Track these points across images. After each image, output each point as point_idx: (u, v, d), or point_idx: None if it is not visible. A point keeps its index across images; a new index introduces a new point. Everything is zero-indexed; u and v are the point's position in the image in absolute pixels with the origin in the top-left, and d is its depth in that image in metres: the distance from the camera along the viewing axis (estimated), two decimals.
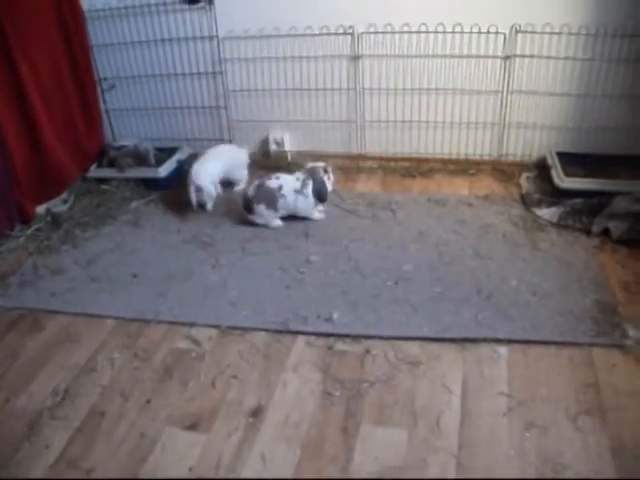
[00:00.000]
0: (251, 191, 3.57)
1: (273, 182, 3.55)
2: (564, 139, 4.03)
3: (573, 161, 3.80)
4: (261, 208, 3.55)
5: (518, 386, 2.40)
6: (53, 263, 3.45)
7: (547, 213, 3.51)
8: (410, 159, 4.31)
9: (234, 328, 2.84)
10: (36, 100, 3.79)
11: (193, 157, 4.16)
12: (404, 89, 4.10)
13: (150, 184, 4.17)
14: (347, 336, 2.73)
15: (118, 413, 2.45)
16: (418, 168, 4.24)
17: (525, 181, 3.91)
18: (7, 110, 3.62)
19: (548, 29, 3.68)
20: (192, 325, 2.89)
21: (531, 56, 3.81)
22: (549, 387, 2.39)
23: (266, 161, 4.49)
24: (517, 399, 2.34)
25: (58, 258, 3.50)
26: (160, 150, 4.41)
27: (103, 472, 2.20)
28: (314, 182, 3.55)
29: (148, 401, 2.49)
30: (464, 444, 2.19)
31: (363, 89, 4.16)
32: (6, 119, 3.60)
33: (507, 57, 3.83)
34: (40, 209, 3.95)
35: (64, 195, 4.13)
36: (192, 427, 2.35)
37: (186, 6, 4.12)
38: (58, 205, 4.04)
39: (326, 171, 3.61)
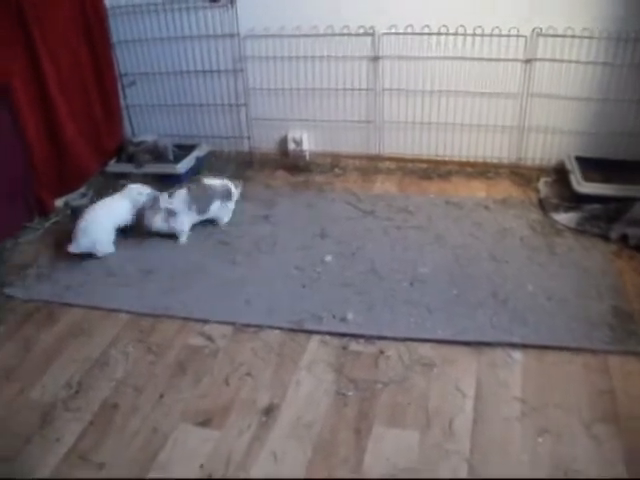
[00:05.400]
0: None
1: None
2: (583, 144, 4.01)
3: (592, 166, 3.78)
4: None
5: (532, 391, 2.39)
6: (70, 256, 3.46)
7: (565, 218, 3.49)
8: (428, 161, 4.30)
9: (248, 326, 2.84)
10: (57, 94, 3.81)
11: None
12: (423, 91, 4.09)
13: (168, 180, 4.17)
14: (362, 336, 2.72)
15: (131, 407, 2.45)
16: (436, 170, 4.23)
17: (543, 185, 3.89)
18: (28, 103, 3.64)
19: (570, 33, 3.66)
20: (206, 322, 2.89)
21: (552, 60, 3.79)
22: (563, 393, 2.37)
23: (284, 160, 4.50)
24: (531, 404, 2.33)
25: None
26: (179, 147, 4.43)
27: (114, 466, 2.21)
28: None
29: (161, 396, 2.49)
30: (476, 448, 2.18)
31: (383, 90, 4.15)
32: (27, 112, 3.63)
33: (528, 60, 3.82)
34: (59, 202, 3.98)
35: (83, 189, 4.16)
36: (204, 423, 2.36)
37: (208, 4, 4.13)
38: (77, 199, 4.06)
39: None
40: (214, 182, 3.64)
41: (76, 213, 3.87)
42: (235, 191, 3.73)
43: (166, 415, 2.40)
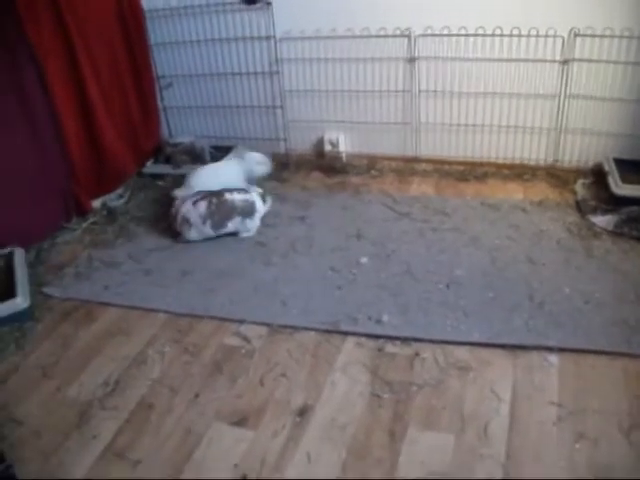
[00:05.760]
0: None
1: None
2: (622, 145, 3.95)
3: (631, 168, 3.73)
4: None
5: (569, 396, 2.36)
6: (107, 256, 3.51)
7: (603, 220, 3.45)
8: (464, 163, 4.28)
9: (284, 327, 2.85)
10: (96, 96, 3.86)
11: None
12: (460, 92, 4.07)
13: None
14: (397, 338, 2.72)
15: (166, 406, 2.47)
16: (472, 172, 4.21)
17: (581, 187, 3.85)
18: (68, 105, 3.70)
19: (608, 33, 3.62)
20: (242, 322, 2.90)
21: (590, 60, 3.74)
22: (601, 398, 2.34)
23: (320, 161, 4.50)
24: (567, 409, 2.30)
25: (112, 251, 3.57)
26: (215, 148, 4.47)
27: (149, 464, 2.23)
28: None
29: (196, 396, 2.51)
30: (512, 452, 2.16)
31: (419, 91, 4.14)
32: (66, 114, 3.68)
33: (565, 61, 3.78)
34: (96, 203, 4.03)
35: (120, 190, 4.20)
36: (239, 423, 2.37)
37: (244, 6, 4.15)
38: (114, 199, 4.11)
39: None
40: (237, 197, 3.58)
41: (113, 214, 3.92)
42: (261, 207, 3.70)
43: (201, 414, 2.42)
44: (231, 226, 3.56)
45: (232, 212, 3.53)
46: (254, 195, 3.65)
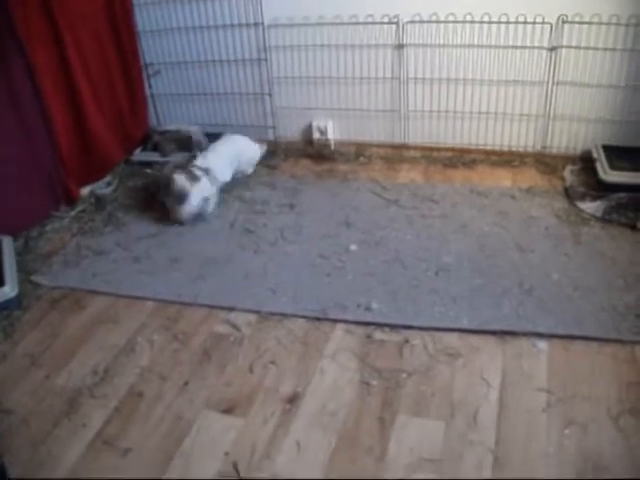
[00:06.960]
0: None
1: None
2: (610, 132, 3.96)
3: (619, 154, 3.73)
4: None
5: (558, 382, 2.37)
6: (96, 244, 3.50)
7: (591, 207, 3.46)
8: (453, 149, 4.27)
9: (273, 314, 2.85)
10: (83, 84, 3.83)
11: None
12: (448, 79, 4.06)
13: None
14: (386, 325, 2.72)
15: (156, 394, 2.47)
16: (461, 159, 4.20)
17: (569, 174, 3.85)
18: (55, 93, 3.66)
19: (596, 19, 3.62)
20: (231, 309, 2.90)
21: (578, 47, 3.74)
22: (590, 384, 2.35)
23: (309, 149, 4.49)
24: (557, 395, 2.31)
25: (101, 239, 3.55)
26: (204, 135, 4.43)
27: (139, 452, 2.23)
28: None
29: (186, 383, 2.51)
30: (501, 439, 2.17)
31: (407, 78, 4.13)
32: (54, 102, 3.64)
33: (553, 48, 3.77)
34: (84, 191, 4.00)
35: (108, 178, 4.18)
36: (228, 411, 2.37)
37: None
38: (102, 187, 4.08)
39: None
40: (178, 179, 3.57)
41: (101, 202, 3.90)
42: (195, 200, 3.58)
43: (190, 402, 2.42)
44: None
45: (171, 191, 3.59)
46: (191, 186, 3.58)
